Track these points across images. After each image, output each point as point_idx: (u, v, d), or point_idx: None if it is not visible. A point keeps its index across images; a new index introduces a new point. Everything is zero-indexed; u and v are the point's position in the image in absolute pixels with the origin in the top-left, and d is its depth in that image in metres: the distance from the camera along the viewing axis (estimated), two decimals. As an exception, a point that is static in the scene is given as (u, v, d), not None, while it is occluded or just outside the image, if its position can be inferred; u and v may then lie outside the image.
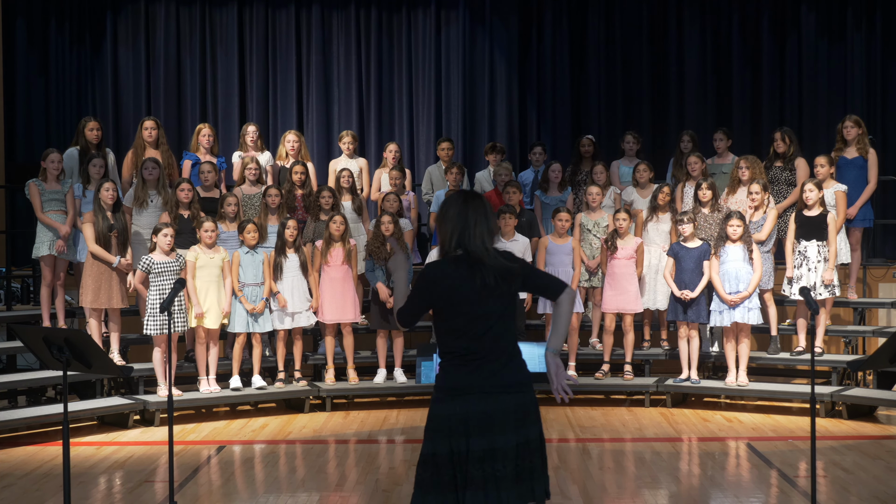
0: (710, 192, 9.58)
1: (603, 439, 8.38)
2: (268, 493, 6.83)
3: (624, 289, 9.55)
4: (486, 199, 4.23)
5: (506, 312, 4.12)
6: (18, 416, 8.64)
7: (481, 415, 4.03)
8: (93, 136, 9.77)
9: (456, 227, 4.12)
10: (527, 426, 4.08)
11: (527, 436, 4.08)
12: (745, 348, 9.29)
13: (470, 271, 4.07)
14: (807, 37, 12.90)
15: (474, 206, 4.14)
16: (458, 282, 4.07)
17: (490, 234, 4.14)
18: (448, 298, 4.08)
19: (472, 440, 4.02)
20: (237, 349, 9.35)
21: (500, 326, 4.09)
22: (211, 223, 9.09)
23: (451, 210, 4.15)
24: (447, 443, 4.04)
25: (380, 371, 9.73)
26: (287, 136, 10.57)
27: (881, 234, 12.08)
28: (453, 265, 4.11)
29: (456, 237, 4.12)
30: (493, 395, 4.04)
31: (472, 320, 4.07)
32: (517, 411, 4.06)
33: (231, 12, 12.96)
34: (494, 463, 4.01)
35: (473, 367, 4.06)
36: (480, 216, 4.12)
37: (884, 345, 5.35)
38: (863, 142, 9.94)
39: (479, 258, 4.08)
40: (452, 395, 4.07)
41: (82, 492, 6.81)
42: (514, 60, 13.05)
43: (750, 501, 6.54)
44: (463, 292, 4.07)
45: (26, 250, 10.18)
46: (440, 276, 4.12)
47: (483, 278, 4.06)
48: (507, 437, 4.03)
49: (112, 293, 8.98)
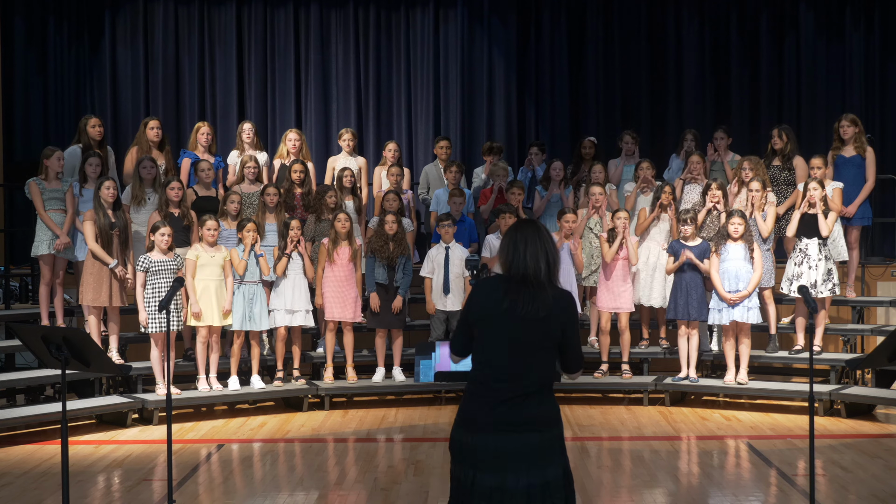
0: (720, 192, 9.58)
1: (601, 438, 8.38)
2: (266, 492, 6.82)
3: (619, 288, 9.56)
4: (540, 225, 4.07)
5: (540, 342, 3.92)
6: (17, 414, 8.64)
7: (493, 452, 3.89)
8: (95, 133, 9.78)
9: (507, 254, 3.98)
10: (544, 466, 3.91)
11: (544, 476, 3.90)
12: (746, 347, 9.29)
13: (511, 295, 3.92)
14: (805, 36, 12.91)
15: (522, 231, 4.00)
16: (495, 301, 3.94)
17: (546, 255, 3.94)
18: (482, 316, 3.96)
19: (479, 475, 3.89)
20: (236, 348, 9.34)
21: (530, 357, 3.91)
22: (213, 222, 9.08)
23: (503, 240, 4.04)
24: (459, 469, 3.96)
25: (378, 370, 9.73)
26: (288, 134, 10.56)
27: (879, 232, 12.09)
28: (499, 283, 3.97)
29: (507, 265, 3.98)
30: (510, 433, 3.88)
31: (501, 344, 3.92)
32: (533, 450, 3.89)
33: (229, 11, 12.96)
34: (502, 502, 3.88)
35: (492, 399, 3.90)
36: (532, 237, 3.96)
37: (882, 343, 5.34)
38: (860, 140, 9.95)
39: (523, 277, 3.93)
40: (469, 426, 3.95)
41: (81, 490, 6.81)
42: (512, 59, 13.05)
43: (749, 500, 6.54)
44: (501, 313, 3.92)
45: (25, 249, 10.17)
46: (483, 291, 4.00)
47: (525, 304, 3.90)
48: (518, 477, 3.88)
49: (112, 291, 8.98)
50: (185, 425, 8.92)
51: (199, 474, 7.33)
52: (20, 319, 9.71)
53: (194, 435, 8.61)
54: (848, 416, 8.95)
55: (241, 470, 7.54)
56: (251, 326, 9.26)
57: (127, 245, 9.13)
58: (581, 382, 9.71)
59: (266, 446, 8.28)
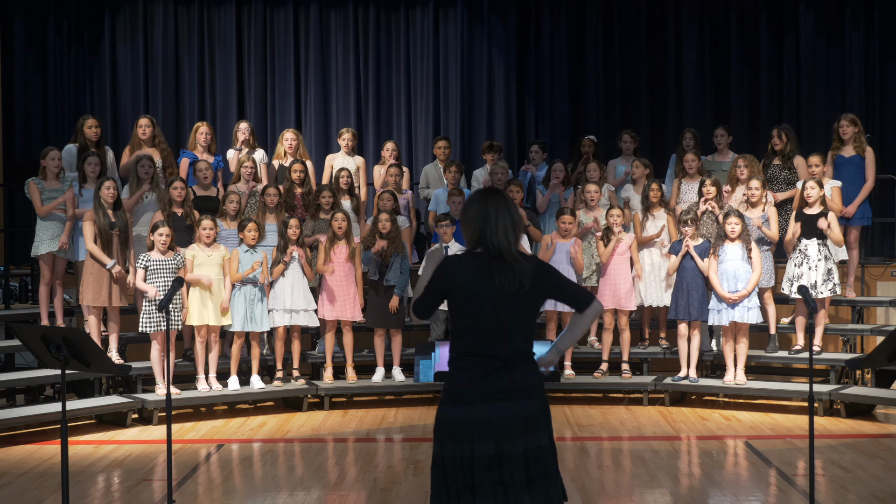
0: (714, 188, 9.59)
1: (601, 438, 8.38)
2: (266, 492, 6.82)
3: (618, 286, 9.57)
4: (506, 194, 4.10)
5: (522, 315, 3.97)
6: (17, 414, 8.64)
7: (486, 421, 3.92)
8: (92, 134, 9.76)
9: (477, 223, 3.99)
10: (537, 431, 3.97)
11: (538, 441, 3.96)
12: (744, 347, 9.29)
13: (487, 269, 3.94)
14: (805, 35, 12.90)
15: (494, 201, 4.01)
16: (473, 278, 3.95)
17: (514, 227, 3.98)
18: (461, 294, 3.96)
19: (477, 445, 3.91)
20: (235, 348, 9.34)
21: (513, 329, 3.96)
22: (209, 221, 9.08)
23: (471, 208, 4.03)
24: (453, 447, 3.95)
25: (378, 370, 9.73)
26: (285, 134, 10.57)
27: (879, 232, 12.09)
28: (471, 261, 3.99)
29: (477, 233, 3.99)
30: (500, 401, 3.92)
31: (484, 320, 3.94)
32: (525, 417, 3.94)
33: (229, 11, 12.96)
34: (502, 469, 3.91)
35: (481, 372, 3.94)
36: (502, 209, 3.98)
37: (882, 343, 5.35)
38: (859, 140, 9.95)
39: (499, 252, 3.94)
40: (458, 400, 3.96)
41: (80, 490, 6.81)
42: (512, 59, 13.05)
43: (748, 500, 6.54)
44: (476, 289, 3.94)
45: (25, 249, 10.17)
46: (456, 270, 3.99)
47: (501, 277, 3.92)
48: (515, 444, 3.92)
49: (112, 291, 8.98)
50: (185, 425, 8.92)
51: (199, 474, 7.33)
52: (20, 319, 9.71)
53: (194, 435, 8.61)
54: (847, 416, 8.95)
55: (240, 470, 7.54)
56: (252, 327, 9.26)
57: (127, 245, 9.13)
58: (581, 382, 9.71)
59: (266, 446, 8.28)
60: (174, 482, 6.66)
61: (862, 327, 10.09)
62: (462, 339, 4.00)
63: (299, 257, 9.36)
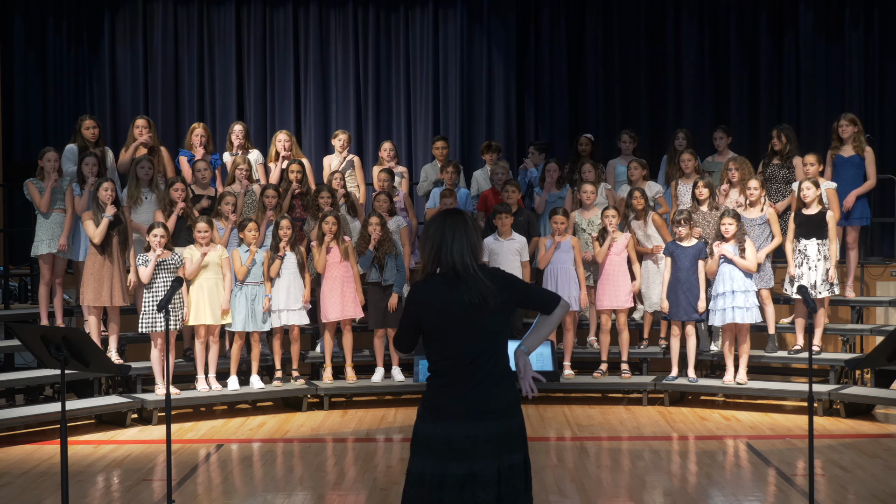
0: (707, 189, 9.59)
1: (601, 438, 8.38)
2: (266, 492, 6.82)
3: (616, 286, 9.57)
4: (468, 215, 4.10)
5: (493, 331, 3.98)
6: (16, 414, 8.64)
7: (463, 440, 3.92)
8: (89, 135, 9.76)
9: (434, 244, 4.01)
10: (511, 451, 3.98)
11: (510, 461, 3.97)
12: (745, 347, 9.28)
13: (452, 290, 3.96)
14: (805, 35, 12.91)
15: (451, 222, 4.02)
16: (441, 300, 3.96)
17: (471, 249, 3.99)
18: (432, 318, 3.97)
19: (451, 465, 3.92)
20: (235, 349, 9.34)
21: (487, 346, 3.96)
22: (203, 223, 9.08)
23: (429, 229, 4.05)
24: (428, 463, 3.96)
25: (377, 370, 9.73)
26: (278, 135, 10.52)
27: (878, 232, 12.09)
28: (436, 283, 4.00)
29: (433, 255, 4.01)
30: (477, 421, 3.93)
31: (457, 339, 3.95)
32: (501, 437, 3.95)
33: (228, 11, 12.96)
34: (475, 489, 3.91)
35: (458, 390, 3.94)
36: (459, 231, 3.99)
37: (881, 343, 5.34)
38: (859, 140, 9.94)
39: (456, 273, 3.97)
40: (435, 417, 3.97)
41: (80, 490, 6.81)
42: (511, 59, 13.05)
43: (748, 500, 6.54)
44: (446, 311, 3.95)
45: (24, 249, 10.17)
46: (424, 295, 4.00)
47: (468, 296, 3.93)
48: (489, 463, 3.92)
49: (113, 291, 8.97)
50: (185, 425, 8.92)
51: (199, 474, 7.33)
52: (19, 319, 9.71)
53: (193, 435, 8.61)
54: (847, 416, 8.95)
55: (240, 470, 7.54)
56: (255, 327, 9.26)
57: (126, 245, 9.12)
58: (581, 382, 9.71)
59: (265, 446, 8.28)
60: (174, 482, 6.66)
61: (861, 327, 10.09)
62: (436, 359, 4.00)
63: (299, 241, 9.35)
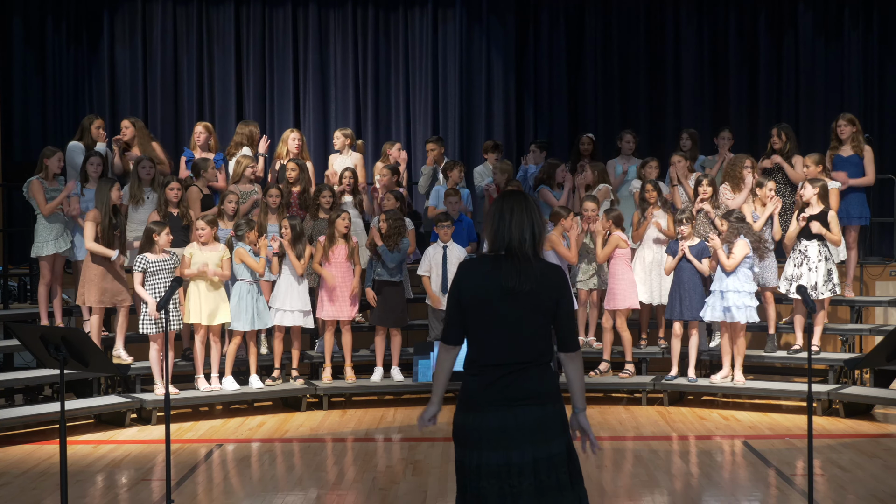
0: (711, 188, 9.59)
1: (600, 438, 8.36)
2: (265, 492, 6.82)
3: (615, 286, 9.57)
4: (528, 196, 4.03)
5: (532, 317, 3.91)
6: (15, 414, 8.64)
7: (496, 429, 3.88)
8: (99, 135, 9.82)
9: (493, 222, 3.94)
10: (548, 440, 3.92)
11: (548, 451, 3.92)
12: (740, 347, 9.27)
13: (497, 269, 3.88)
14: (804, 35, 12.91)
15: (510, 200, 3.96)
16: (485, 279, 3.89)
17: (532, 225, 3.91)
18: (473, 296, 3.91)
19: (486, 454, 3.89)
20: (232, 348, 9.33)
21: (525, 331, 3.90)
22: (203, 222, 9.07)
23: (491, 209, 4.00)
24: (466, 454, 3.94)
25: (377, 369, 9.73)
26: (291, 133, 10.54)
27: (878, 232, 12.09)
28: (485, 263, 3.93)
29: (493, 233, 3.94)
30: (510, 409, 3.88)
31: (494, 322, 3.89)
32: (535, 425, 3.90)
33: (228, 10, 12.95)
34: (510, 478, 3.87)
35: (492, 378, 3.90)
36: (519, 208, 3.92)
37: (881, 343, 5.35)
38: (857, 140, 9.95)
39: (510, 249, 3.88)
40: (470, 407, 3.94)
41: (79, 490, 6.81)
42: (511, 59, 13.04)
43: (747, 500, 6.54)
44: (488, 290, 3.89)
45: (24, 249, 10.17)
46: (467, 273, 3.95)
47: (507, 276, 3.86)
48: (524, 452, 3.88)
49: (117, 291, 8.97)
50: (184, 425, 8.92)
51: (198, 474, 7.33)
52: (19, 319, 9.71)
53: (193, 435, 8.61)
54: (846, 416, 8.96)
55: (239, 470, 7.54)
56: (259, 325, 9.24)
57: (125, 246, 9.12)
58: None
59: (264, 446, 8.28)
60: (173, 482, 6.65)
61: (861, 327, 10.09)
62: (475, 344, 3.96)
63: (286, 243, 9.32)
